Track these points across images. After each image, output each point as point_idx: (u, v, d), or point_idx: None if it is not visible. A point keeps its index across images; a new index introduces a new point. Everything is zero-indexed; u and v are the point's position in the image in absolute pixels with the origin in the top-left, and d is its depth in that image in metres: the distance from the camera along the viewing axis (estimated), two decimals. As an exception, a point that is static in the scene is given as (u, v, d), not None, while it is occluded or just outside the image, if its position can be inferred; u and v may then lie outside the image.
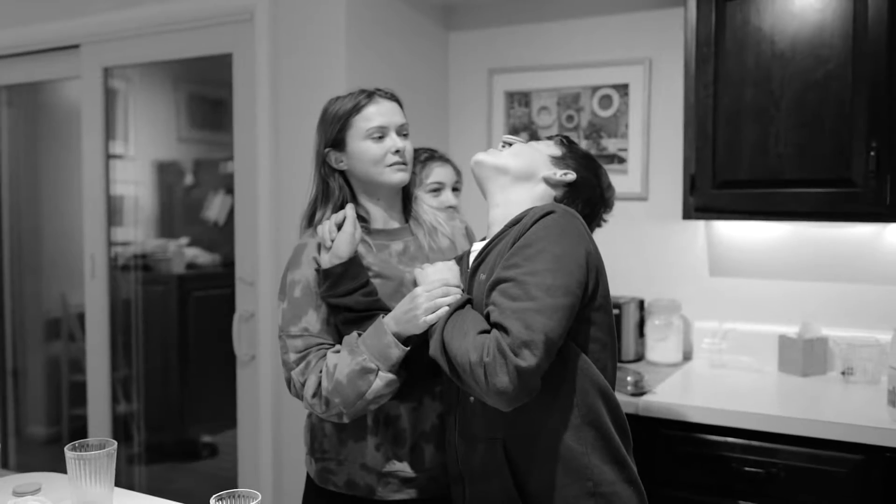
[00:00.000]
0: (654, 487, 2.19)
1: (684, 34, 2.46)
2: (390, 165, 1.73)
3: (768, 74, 2.33)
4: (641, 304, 2.80)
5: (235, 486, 2.99)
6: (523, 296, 1.35)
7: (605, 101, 2.95)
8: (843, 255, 2.61)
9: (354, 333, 1.63)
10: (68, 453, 1.48)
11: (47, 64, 3.52)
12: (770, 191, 2.35)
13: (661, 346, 2.73)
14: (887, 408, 2.11)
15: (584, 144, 2.98)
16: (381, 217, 1.80)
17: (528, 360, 1.30)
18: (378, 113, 1.73)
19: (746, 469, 2.11)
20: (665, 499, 2.21)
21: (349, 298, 1.64)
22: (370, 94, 1.75)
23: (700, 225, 2.80)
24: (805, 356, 2.52)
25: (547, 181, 1.61)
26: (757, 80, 2.35)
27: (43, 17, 3.37)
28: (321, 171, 1.78)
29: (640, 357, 2.78)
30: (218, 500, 1.31)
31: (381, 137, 1.72)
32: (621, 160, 2.93)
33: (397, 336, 1.56)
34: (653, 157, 2.89)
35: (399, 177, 1.74)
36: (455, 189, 2.23)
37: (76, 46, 3.35)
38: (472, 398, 1.51)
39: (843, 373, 2.48)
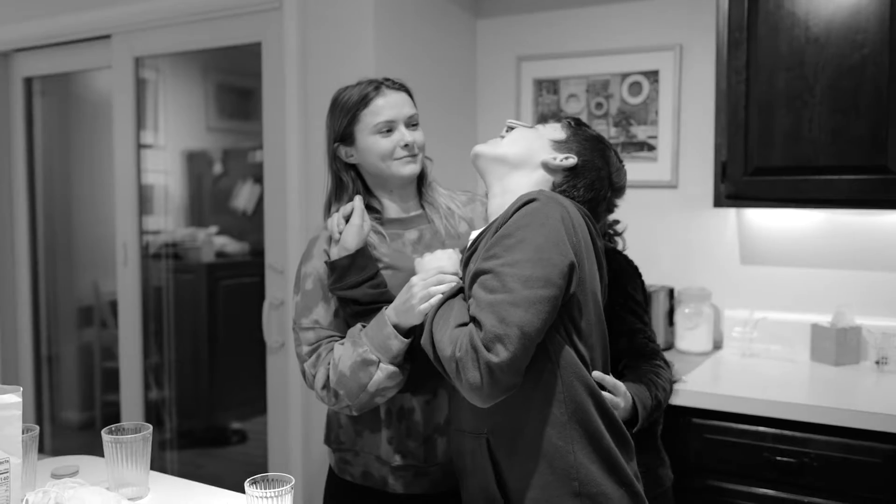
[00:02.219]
0: (685, 476, 2.19)
1: (716, 19, 2.43)
2: (399, 159, 1.70)
3: (802, 60, 2.29)
4: (671, 292, 2.78)
5: (265, 472, 3.03)
6: (500, 287, 1.29)
7: (635, 88, 2.92)
8: (877, 243, 2.57)
9: (358, 325, 1.61)
10: (105, 436, 1.51)
11: (79, 54, 3.56)
12: (803, 178, 2.32)
13: (690, 334, 2.71)
14: (923, 398, 2.09)
15: (612, 132, 2.96)
16: (395, 207, 1.78)
17: (500, 355, 1.24)
18: (386, 105, 1.69)
19: (778, 458, 2.10)
20: (696, 488, 2.20)
21: (356, 291, 1.62)
22: (378, 86, 1.70)
23: (731, 213, 2.77)
24: (838, 345, 2.48)
25: (545, 166, 1.53)
26: (790, 66, 2.31)
27: (74, 8, 3.40)
28: (333, 165, 1.76)
29: (669, 346, 2.76)
30: (252, 484, 1.32)
31: (389, 131, 1.69)
32: (651, 147, 2.90)
33: (397, 327, 1.54)
34: (683, 144, 2.86)
35: (409, 169, 1.72)
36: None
37: (107, 37, 3.38)
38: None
39: (877, 362, 2.44)
